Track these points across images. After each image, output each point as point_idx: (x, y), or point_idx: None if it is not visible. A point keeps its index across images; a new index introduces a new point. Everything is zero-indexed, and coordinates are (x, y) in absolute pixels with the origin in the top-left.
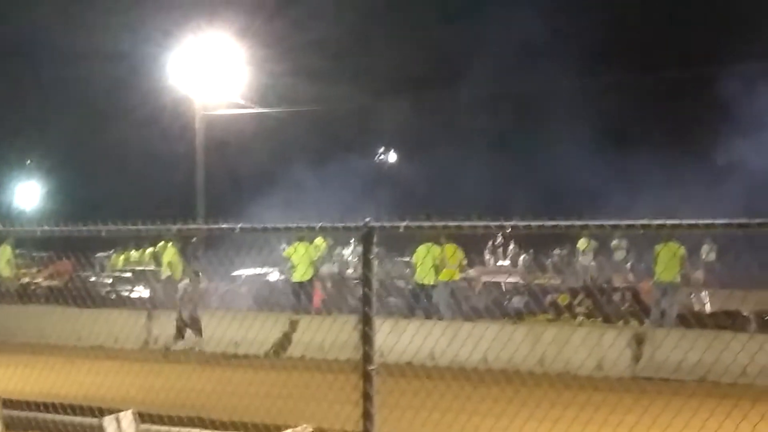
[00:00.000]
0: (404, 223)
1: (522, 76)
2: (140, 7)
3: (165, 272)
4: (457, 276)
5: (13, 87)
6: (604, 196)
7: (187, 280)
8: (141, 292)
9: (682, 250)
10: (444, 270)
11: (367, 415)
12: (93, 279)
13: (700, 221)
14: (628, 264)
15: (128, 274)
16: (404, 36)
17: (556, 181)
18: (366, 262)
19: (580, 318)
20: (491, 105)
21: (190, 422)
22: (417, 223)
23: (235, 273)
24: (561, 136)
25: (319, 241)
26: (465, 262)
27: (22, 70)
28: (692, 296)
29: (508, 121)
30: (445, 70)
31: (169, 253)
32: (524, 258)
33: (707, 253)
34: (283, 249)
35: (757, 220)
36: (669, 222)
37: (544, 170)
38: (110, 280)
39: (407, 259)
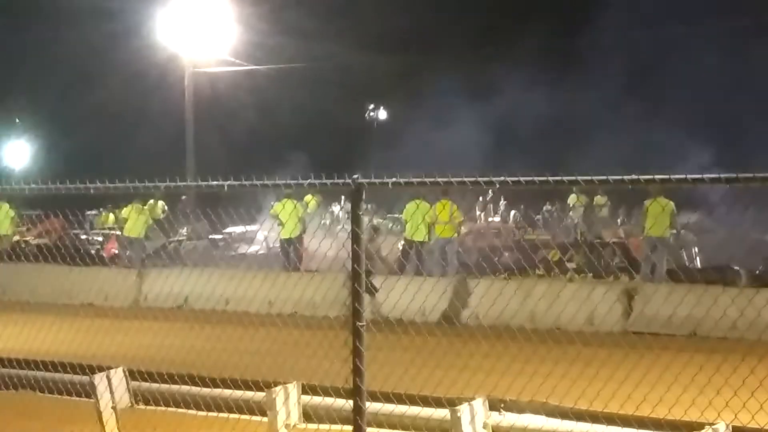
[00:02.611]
0: (392, 179)
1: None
2: None
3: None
4: (450, 233)
5: None
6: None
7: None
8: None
9: (672, 206)
10: (436, 226)
11: (356, 371)
12: (83, 237)
13: (689, 176)
14: (618, 219)
15: (118, 232)
16: None
17: (555, 135)
18: (355, 217)
19: (571, 273)
20: (482, 61)
21: (181, 379)
22: (405, 179)
23: (226, 230)
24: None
25: (308, 197)
26: (460, 218)
27: (8, 28)
28: (682, 251)
29: (499, 76)
30: (435, 25)
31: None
32: (514, 214)
33: None
34: (272, 206)
35: (744, 174)
36: (657, 177)
37: (535, 123)
38: (100, 238)
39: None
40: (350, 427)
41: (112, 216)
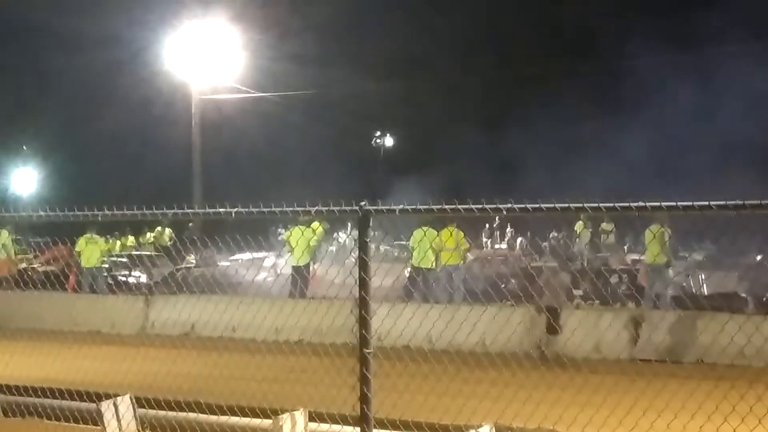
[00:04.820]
0: (400, 207)
1: (524, 58)
2: None
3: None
4: (456, 260)
5: (9, 73)
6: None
7: None
8: (138, 276)
9: (661, 231)
10: (442, 253)
11: (364, 399)
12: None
13: (696, 203)
14: (625, 246)
15: (125, 259)
16: (399, 20)
17: (556, 164)
18: (362, 245)
19: (578, 301)
20: (489, 87)
21: (188, 407)
22: (412, 207)
23: (233, 257)
24: (567, 117)
25: (315, 224)
26: (467, 245)
27: (18, 55)
28: (689, 278)
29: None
30: (440, 53)
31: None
32: (521, 241)
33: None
34: (280, 233)
35: (752, 202)
36: (664, 204)
37: (547, 152)
38: (107, 265)
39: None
40: None
41: (119, 243)
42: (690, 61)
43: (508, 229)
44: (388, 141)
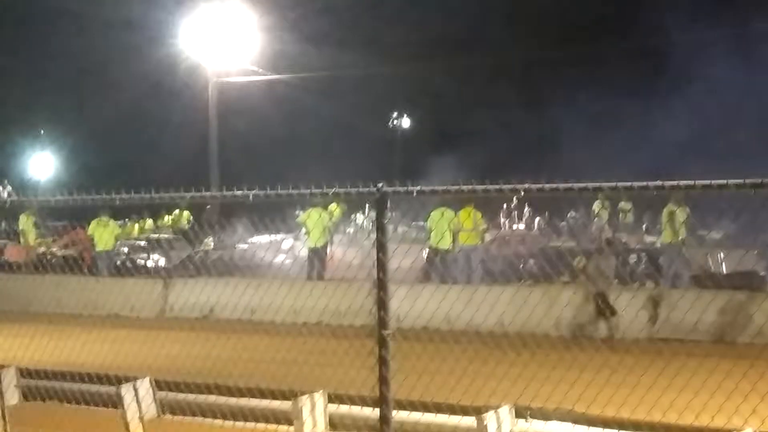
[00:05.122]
0: (417, 188)
1: (535, 41)
2: None
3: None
4: (474, 240)
5: (25, 56)
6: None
7: None
8: (156, 260)
9: (674, 211)
10: (460, 233)
11: (382, 380)
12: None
13: (714, 182)
14: (644, 225)
15: (143, 243)
16: (416, 1)
17: (579, 143)
18: (380, 226)
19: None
20: (505, 70)
21: (207, 389)
22: (430, 188)
23: (251, 240)
24: (566, 101)
25: (333, 206)
26: (484, 226)
27: (34, 39)
28: (708, 256)
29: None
30: (458, 34)
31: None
32: (539, 221)
33: None
34: (298, 215)
35: None
36: (682, 183)
37: (563, 136)
38: (126, 249)
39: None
40: None
41: (137, 226)
42: (731, 36)
43: (526, 209)
44: (405, 122)
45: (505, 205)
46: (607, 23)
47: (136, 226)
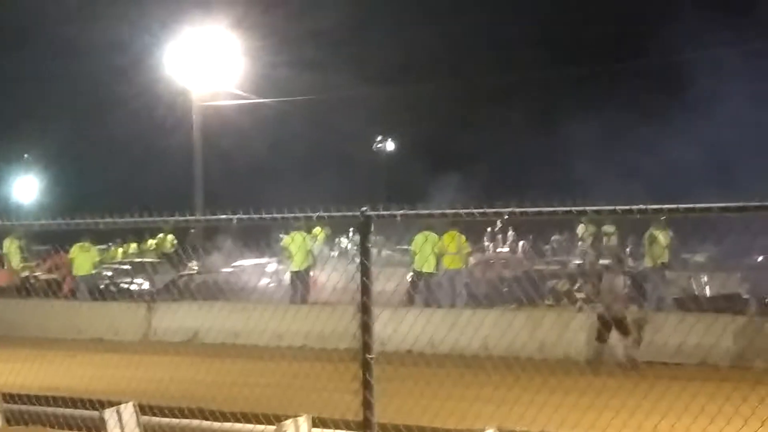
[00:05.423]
0: (401, 212)
1: (524, 62)
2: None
3: None
4: (459, 264)
5: (9, 80)
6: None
7: None
8: (140, 284)
9: (654, 235)
10: (444, 257)
11: (366, 404)
12: (93, 272)
13: (697, 205)
14: (627, 249)
15: (127, 267)
16: (399, 25)
17: (561, 166)
18: (364, 250)
19: (580, 303)
20: (489, 92)
21: (191, 413)
22: (414, 212)
23: (235, 263)
24: (562, 123)
25: (317, 230)
26: (468, 249)
27: (18, 62)
28: (691, 280)
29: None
30: (441, 58)
31: None
32: (523, 244)
33: None
34: (281, 239)
35: (755, 203)
36: (665, 207)
37: (559, 157)
38: (110, 273)
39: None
40: None
41: (121, 250)
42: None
43: (510, 233)
44: (390, 145)
45: (489, 228)
46: (597, 43)
47: (120, 249)
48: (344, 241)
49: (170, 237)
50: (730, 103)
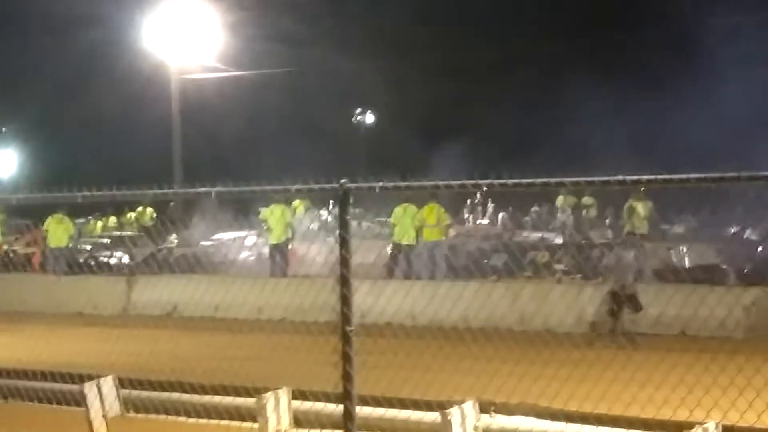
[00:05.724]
0: (380, 184)
1: (507, 37)
2: None
3: None
4: (438, 236)
5: None
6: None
7: None
8: (120, 257)
9: (630, 205)
10: (424, 229)
11: (346, 376)
12: (71, 245)
13: (675, 176)
14: (606, 220)
15: (106, 240)
16: None
17: (552, 140)
18: (342, 222)
19: (559, 275)
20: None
21: (171, 387)
22: (392, 183)
23: (215, 237)
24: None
25: (296, 203)
26: (448, 221)
27: None
28: (670, 250)
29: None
30: (421, 31)
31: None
32: (503, 216)
33: None
34: (260, 212)
35: (730, 174)
36: (644, 177)
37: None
38: (89, 247)
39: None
40: None
41: (100, 223)
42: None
43: (490, 205)
44: (369, 118)
45: (468, 201)
46: (582, 16)
47: (99, 223)
48: (324, 214)
49: (149, 210)
50: (738, 74)
